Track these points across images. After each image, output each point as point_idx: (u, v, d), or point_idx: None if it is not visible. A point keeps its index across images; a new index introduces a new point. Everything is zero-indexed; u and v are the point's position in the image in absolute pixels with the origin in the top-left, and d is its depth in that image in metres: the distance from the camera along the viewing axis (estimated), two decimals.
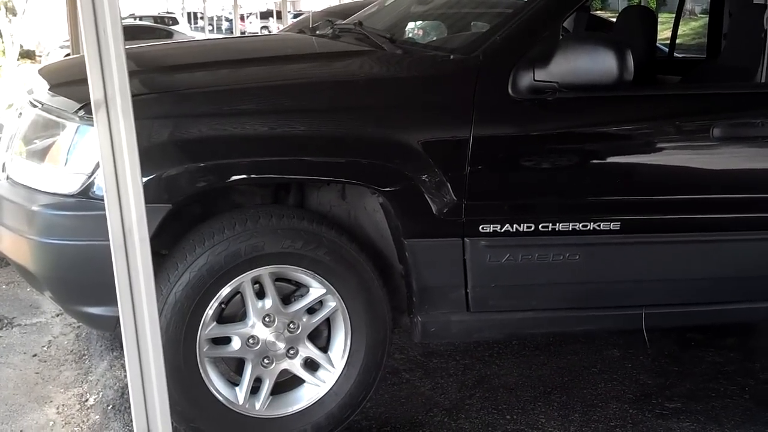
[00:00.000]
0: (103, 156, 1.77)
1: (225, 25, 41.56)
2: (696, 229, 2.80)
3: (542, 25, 2.69)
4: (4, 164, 2.82)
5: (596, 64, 2.50)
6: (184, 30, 26.02)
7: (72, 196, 2.46)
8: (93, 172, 2.43)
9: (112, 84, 1.74)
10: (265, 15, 39.44)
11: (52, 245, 2.48)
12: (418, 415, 3.02)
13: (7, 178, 2.71)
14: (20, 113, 2.94)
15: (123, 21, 1.76)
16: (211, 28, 36.07)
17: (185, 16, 36.74)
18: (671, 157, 2.80)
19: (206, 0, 33.37)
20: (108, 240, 1.80)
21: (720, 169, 2.84)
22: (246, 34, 26.01)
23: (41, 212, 2.49)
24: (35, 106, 2.77)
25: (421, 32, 4.27)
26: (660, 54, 4.91)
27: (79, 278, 2.51)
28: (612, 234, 2.70)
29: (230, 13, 36.25)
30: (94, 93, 1.74)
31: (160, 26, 24.20)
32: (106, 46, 1.73)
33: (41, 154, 2.61)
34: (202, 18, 37.32)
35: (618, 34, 4.28)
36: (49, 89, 2.82)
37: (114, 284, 1.82)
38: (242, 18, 35.72)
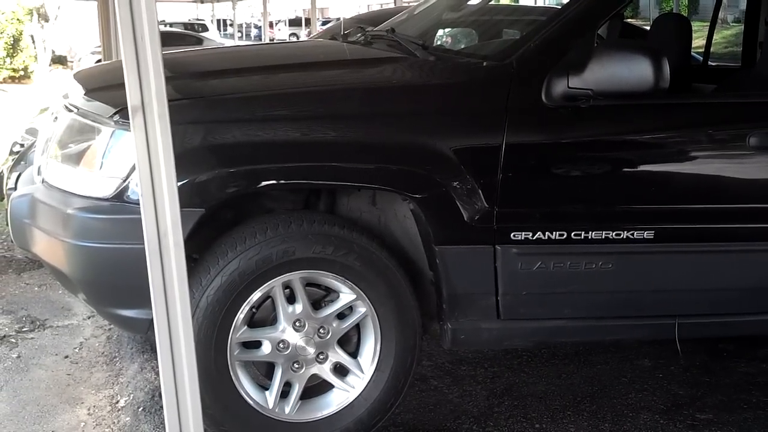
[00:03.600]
0: (139, 160, 1.78)
1: (254, 32, 41.85)
2: (731, 238, 2.77)
3: (577, 32, 2.67)
4: (39, 168, 2.86)
5: (632, 71, 2.49)
6: (213, 37, 26.24)
7: (106, 199, 2.49)
8: (127, 176, 2.45)
9: (149, 89, 1.75)
10: (294, 22, 39.71)
11: (87, 248, 2.51)
12: (446, 422, 3.01)
13: (43, 181, 2.75)
14: (56, 117, 2.98)
15: None
16: (240, 35, 36.31)
17: (215, 23, 37.02)
18: (706, 165, 2.77)
19: (236, 7, 33.61)
20: (141, 243, 1.82)
21: (756, 179, 2.81)
22: (276, 41, 26.15)
23: (76, 215, 2.52)
24: (71, 111, 2.80)
25: (450, 39, 4.27)
26: (694, 62, 4.86)
27: (113, 281, 2.53)
28: (646, 243, 2.68)
29: (259, 20, 36.53)
30: (132, 98, 1.75)
31: (190, 33, 24.42)
32: (143, 52, 1.74)
33: (76, 158, 2.64)
34: (231, 25, 37.60)
35: (653, 41, 4.25)
36: (84, 94, 2.86)
37: (147, 287, 1.83)
38: (271, 25, 35.96)
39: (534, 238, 2.62)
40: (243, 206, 2.69)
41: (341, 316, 2.67)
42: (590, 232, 2.64)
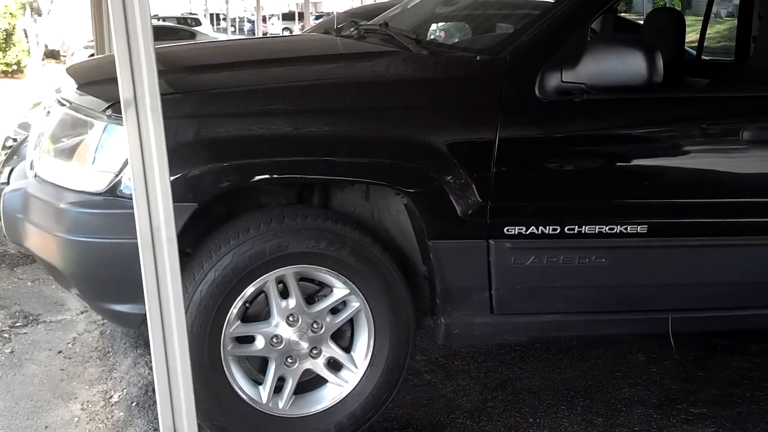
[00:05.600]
0: (132, 155, 1.78)
1: (247, 26, 41.73)
2: (724, 232, 2.77)
3: (570, 27, 2.67)
4: (32, 162, 2.85)
5: (625, 65, 2.49)
6: (206, 31, 26.16)
7: (99, 194, 2.48)
8: (120, 171, 2.44)
9: (141, 83, 1.75)
10: (287, 16, 39.60)
11: (80, 243, 2.50)
12: (439, 417, 3.01)
13: (35, 176, 2.74)
14: (48, 112, 2.97)
15: None
16: (233, 29, 36.20)
17: (208, 17, 36.94)
18: (700, 160, 2.78)
19: (229, 1, 33.50)
20: (134, 238, 1.81)
21: (749, 173, 2.81)
22: (269, 35, 26.11)
23: (69, 210, 2.51)
24: (63, 105, 2.79)
25: (443, 34, 4.26)
26: (687, 57, 4.86)
27: (106, 275, 2.53)
28: (639, 237, 2.68)
29: (253, 15, 36.42)
30: (124, 92, 1.75)
31: (183, 27, 24.36)
32: (135, 47, 1.74)
33: (69, 153, 2.63)
34: (224, 19, 37.51)
35: (646, 36, 4.25)
36: (77, 88, 2.85)
37: (140, 282, 1.83)
38: (264, 19, 35.86)
39: (527, 232, 2.62)
40: (236, 201, 2.68)
41: (335, 310, 2.67)
42: (584, 227, 2.64)
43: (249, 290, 2.55)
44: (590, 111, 2.64)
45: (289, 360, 2.64)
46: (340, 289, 2.63)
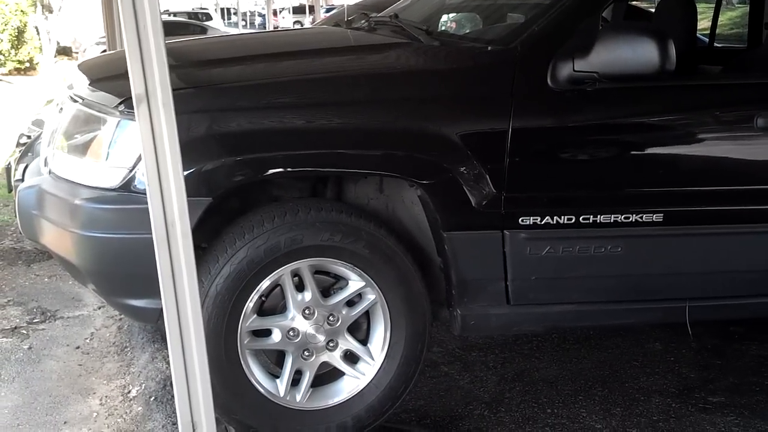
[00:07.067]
0: (144, 150, 1.78)
1: (258, 20, 41.72)
2: (739, 220, 2.76)
3: (581, 15, 2.65)
4: (46, 159, 2.86)
5: (637, 53, 2.47)
6: (217, 26, 26.17)
7: (113, 189, 2.49)
8: (134, 166, 2.45)
9: (152, 78, 1.75)
10: (298, 10, 39.55)
11: (95, 238, 2.51)
12: (457, 408, 3.01)
13: (50, 172, 2.75)
14: (61, 108, 2.98)
15: None
16: (244, 23, 36.22)
17: (218, 11, 36.93)
18: (714, 147, 2.76)
19: None
20: (149, 233, 1.82)
21: (764, 160, 2.79)
22: (280, 29, 26.08)
23: (83, 206, 2.52)
24: (76, 101, 2.80)
25: (453, 25, 4.25)
26: (700, 44, 4.82)
27: (122, 271, 2.53)
28: (655, 226, 2.66)
29: (263, 9, 36.43)
30: (136, 87, 1.75)
31: (194, 22, 24.36)
32: (146, 42, 1.74)
33: (82, 149, 2.64)
34: (235, 14, 37.54)
35: (658, 23, 4.21)
36: (89, 84, 2.85)
37: (156, 277, 1.83)
38: (275, 13, 35.86)
39: (542, 222, 2.62)
40: (250, 195, 2.69)
41: (351, 303, 2.67)
42: (599, 216, 2.63)
43: (265, 284, 2.55)
44: (603, 100, 2.62)
45: (306, 353, 2.64)
46: (355, 282, 2.63)
